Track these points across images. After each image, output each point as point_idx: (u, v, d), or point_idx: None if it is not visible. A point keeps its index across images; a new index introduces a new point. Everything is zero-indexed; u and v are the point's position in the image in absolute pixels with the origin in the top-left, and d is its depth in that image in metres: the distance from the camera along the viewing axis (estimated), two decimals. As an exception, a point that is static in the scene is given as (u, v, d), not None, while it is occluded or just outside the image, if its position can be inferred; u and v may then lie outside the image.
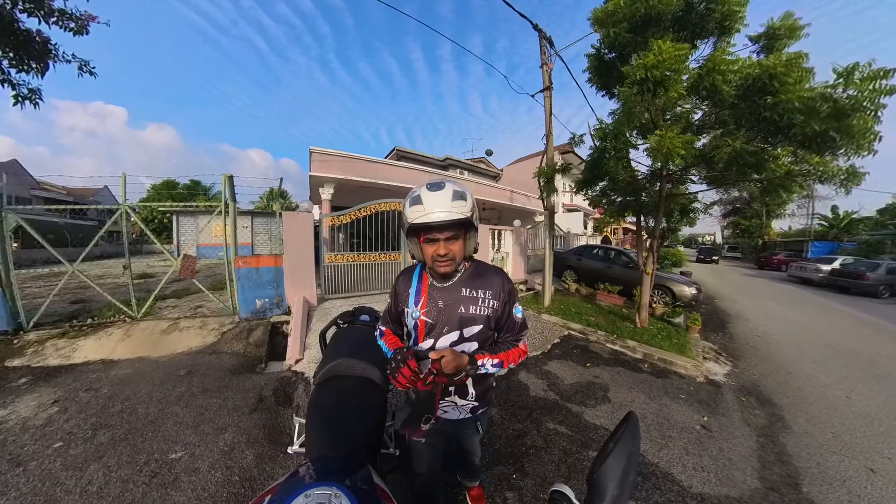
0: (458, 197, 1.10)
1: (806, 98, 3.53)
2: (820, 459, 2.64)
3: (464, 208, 1.10)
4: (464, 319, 1.23)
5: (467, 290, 1.24)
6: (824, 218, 26.31)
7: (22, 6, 4.01)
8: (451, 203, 1.08)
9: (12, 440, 2.42)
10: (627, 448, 0.56)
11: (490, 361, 1.19)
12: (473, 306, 1.23)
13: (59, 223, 15.20)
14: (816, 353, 5.23)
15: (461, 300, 1.23)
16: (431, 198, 1.09)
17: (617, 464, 0.54)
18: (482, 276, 1.29)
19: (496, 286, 1.26)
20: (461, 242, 1.18)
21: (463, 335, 1.24)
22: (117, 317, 4.73)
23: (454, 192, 1.10)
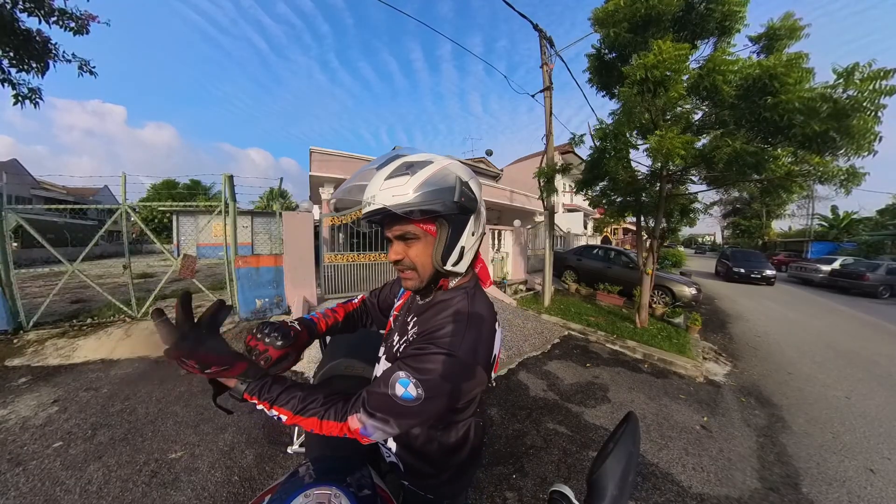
0: (398, 172, 0.71)
1: (806, 98, 3.54)
2: (820, 460, 2.64)
3: (402, 189, 0.69)
4: (389, 352, 0.89)
5: (411, 319, 0.85)
6: (824, 218, 26.33)
7: (22, 6, 4.01)
8: (383, 181, 0.72)
9: (12, 440, 2.42)
10: (627, 448, 0.56)
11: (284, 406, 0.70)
12: (398, 338, 0.86)
13: (58, 223, 15.22)
14: (816, 353, 5.23)
15: (402, 326, 0.87)
16: (374, 176, 0.76)
17: (617, 464, 0.54)
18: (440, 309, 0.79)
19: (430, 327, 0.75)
20: (423, 246, 0.76)
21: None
22: (117, 316, 4.73)
23: (400, 165, 0.73)
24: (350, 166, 9.50)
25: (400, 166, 0.73)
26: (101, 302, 5.17)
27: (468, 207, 0.76)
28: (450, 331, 0.72)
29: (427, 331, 0.75)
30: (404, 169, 0.72)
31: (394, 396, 0.66)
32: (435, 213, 0.71)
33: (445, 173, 0.73)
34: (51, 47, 4.40)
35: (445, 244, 0.75)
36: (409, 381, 0.66)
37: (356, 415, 0.69)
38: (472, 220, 0.78)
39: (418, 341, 0.74)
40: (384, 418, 0.67)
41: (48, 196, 22.71)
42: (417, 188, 0.69)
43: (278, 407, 0.70)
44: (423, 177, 0.71)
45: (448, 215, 0.73)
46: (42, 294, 5.00)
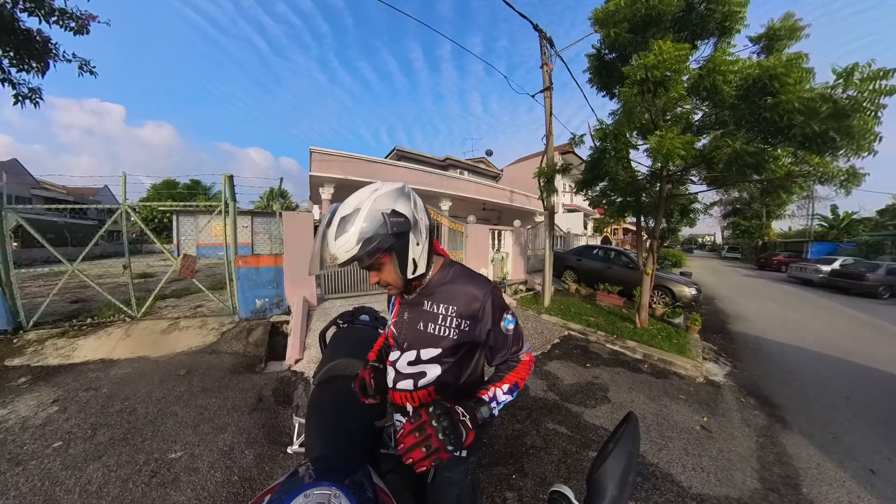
0: (340, 232, 0.87)
1: (806, 98, 3.54)
2: (820, 460, 2.64)
3: (347, 245, 0.86)
4: (420, 338, 1.05)
5: (428, 304, 1.05)
6: (824, 219, 26.32)
7: (22, 5, 4.01)
8: (334, 242, 0.88)
9: (12, 439, 2.42)
10: (627, 448, 0.56)
11: (501, 390, 0.98)
12: (432, 324, 1.03)
13: (58, 222, 15.22)
14: (816, 353, 5.22)
15: (421, 315, 1.06)
16: (326, 237, 0.91)
17: (617, 464, 0.54)
18: (451, 286, 1.05)
19: (466, 301, 1.02)
20: (388, 268, 0.97)
21: (420, 356, 1.06)
22: (117, 316, 4.73)
23: (339, 224, 0.88)
24: (350, 166, 9.51)
25: (339, 224, 0.88)
26: (101, 302, 5.16)
27: (404, 230, 0.92)
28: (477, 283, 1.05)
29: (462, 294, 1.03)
30: (343, 226, 0.88)
31: (509, 330, 1.05)
32: (379, 250, 0.89)
33: (373, 216, 0.88)
34: (51, 47, 4.40)
35: (399, 264, 0.96)
36: (508, 317, 1.05)
37: (520, 353, 1.09)
38: (411, 235, 0.94)
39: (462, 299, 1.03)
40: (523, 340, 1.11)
41: (48, 196, 22.73)
42: (357, 241, 0.86)
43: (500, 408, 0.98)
44: (358, 229, 0.87)
45: (392, 244, 0.91)
46: (42, 294, 5.00)
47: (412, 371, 1.07)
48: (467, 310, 1.01)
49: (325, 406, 1.31)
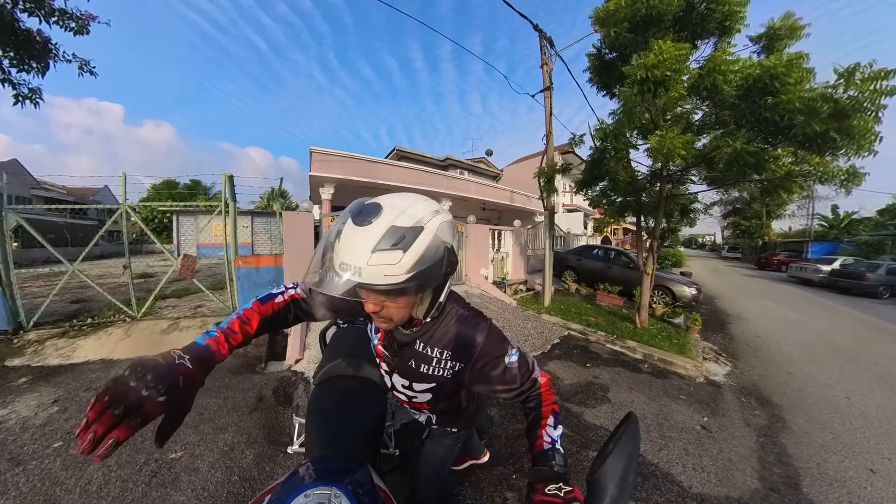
0: (393, 242, 0.66)
1: (806, 98, 3.53)
2: (820, 460, 2.64)
3: (395, 269, 0.66)
4: (412, 374, 1.00)
5: (420, 345, 0.95)
6: (824, 218, 26.33)
7: (22, 6, 4.01)
8: (373, 253, 0.66)
9: (12, 440, 2.42)
10: (627, 448, 0.56)
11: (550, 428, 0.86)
12: (426, 365, 0.96)
13: (59, 223, 15.23)
14: (816, 353, 5.23)
15: (412, 354, 0.97)
16: (352, 235, 0.69)
17: (617, 464, 0.54)
18: (445, 328, 0.94)
19: (462, 344, 0.92)
20: (403, 302, 0.78)
21: (413, 386, 1.03)
22: (117, 316, 4.73)
23: (388, 230, 0.66)
24: (350, 166, 9.51)
25: (388, 234, 0.66)
26: (101, 302, 5.17)
27: (452, 272, 0.79)
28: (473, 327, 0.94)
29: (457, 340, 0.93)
30: (396, 241, 0.66)
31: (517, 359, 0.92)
32: (426, 288, 0.77)
33: (436, 245, 0.71)
34: (51, 47, 4.41)
35: (428, 305, 0.85)
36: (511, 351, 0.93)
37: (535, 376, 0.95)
38: (451, 278, 0.83)
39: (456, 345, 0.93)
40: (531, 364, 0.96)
41: (48, 196, 22.74)
42: (411, 268, 0.68)
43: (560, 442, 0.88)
44: (417, 254, 0.68)
45: (436, 287, 0.80)
46: (42, 294, 5.00)
47: (407, 393, 1.07)
48: (463, 354, 0.93)
49: (326, 406, 1.30)
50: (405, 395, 1.09)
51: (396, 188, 10.07)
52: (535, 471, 0.76)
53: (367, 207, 0.70)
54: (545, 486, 0.68)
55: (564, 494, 0.65)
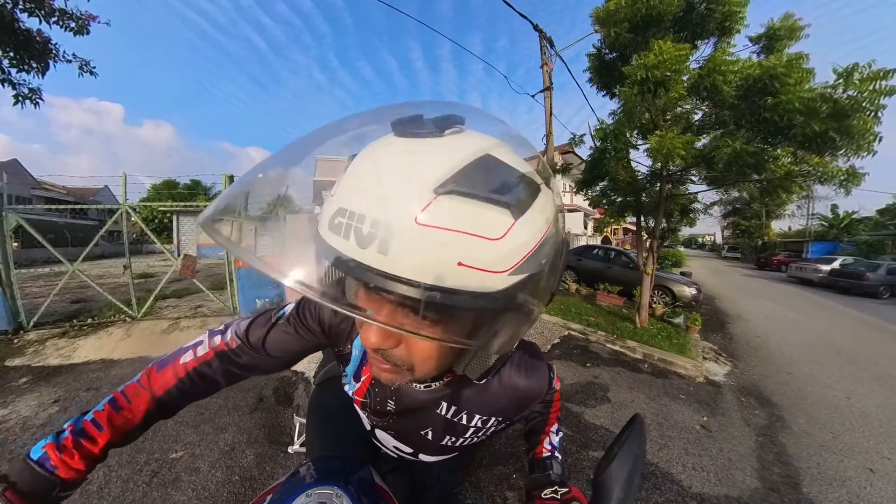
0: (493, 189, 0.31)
1: (806, 99, 3.54)
2: (820, 459, 2.64)
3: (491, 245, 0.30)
4: (424, 442, 0.70)
5: (452, 412, 0.63)
6: (824, 218, 26.36)
7: (22, 6, 4.01)
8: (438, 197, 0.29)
9: (13, 439, 2.42)
10: (633, 451, 0.55)
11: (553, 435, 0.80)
12: (451, 437, 0.67)
13: (59, 223, 15.23)
14: (816, 353, 5.23)
15: (429, 419, 0.65)
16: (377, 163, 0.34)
17: (622, 466, 0.54)
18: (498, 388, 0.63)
19: (517, 406, 0.67)
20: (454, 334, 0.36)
21: (417, 456, 0.77)
22: (117, 316, 4.73)
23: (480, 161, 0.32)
24: (350, 166, 9.50)
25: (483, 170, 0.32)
26: (101, 302, 5.17)
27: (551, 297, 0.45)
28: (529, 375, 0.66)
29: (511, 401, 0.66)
30: (497, 186, 0.32)
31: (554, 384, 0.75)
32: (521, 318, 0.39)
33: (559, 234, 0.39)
34: (51, 47, 4.41)
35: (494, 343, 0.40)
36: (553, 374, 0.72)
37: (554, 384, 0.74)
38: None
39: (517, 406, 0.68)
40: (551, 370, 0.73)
41: (48, 196, 22.74)
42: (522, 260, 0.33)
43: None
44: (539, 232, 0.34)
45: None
46: (42, 294, 5.00)
47: (400, 453, 0.81)
48: (516, 412, 0.69)
49: (326, 406, 1.31)
50: (395, 454, 0.83)
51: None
52: (532, 479, 0.73)
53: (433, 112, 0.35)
54: (542, 492, 0.66)
55: (562, 496, 0.64)
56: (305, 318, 0.64)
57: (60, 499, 0.48)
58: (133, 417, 0.56)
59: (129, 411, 0.56)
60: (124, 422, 0.55)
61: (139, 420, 0.57)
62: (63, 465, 0.47)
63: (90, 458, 0.50)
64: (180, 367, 0.63)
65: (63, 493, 0.48)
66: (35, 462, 0.46)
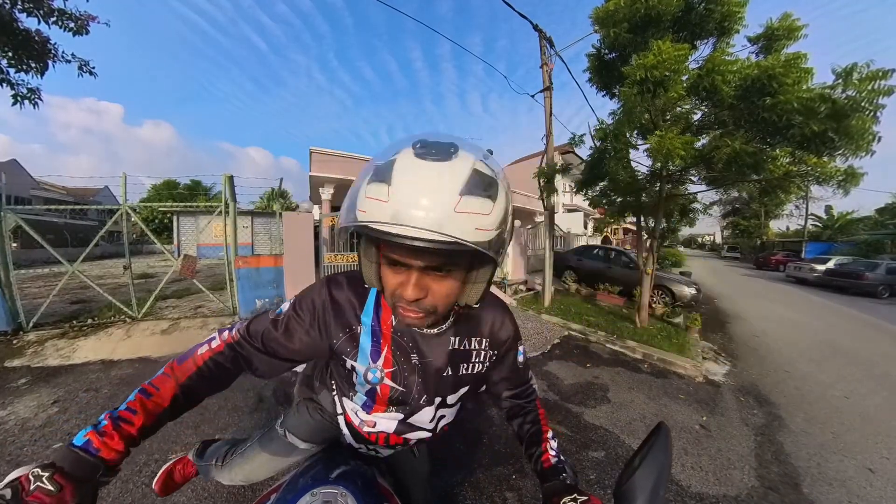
0: (478, 191, 0.52)
1: (805, 99, 3.55)
2: (819, 459, 2.65)
3: (486, 220, 0.53)
4: (449, 383, 0.80)
5: (457, 342, 0.79)
6: (819, 219, 26.40)
7: (21, 6, 4.01)
8: (462, 197, 0.50)
9: (11, 441, 2.41)
10: (659, 460, 0.52)
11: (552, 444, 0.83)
12: (465, 364, 0.80)
13: (58, 223, 15.20)
14: (815, 352, 5.24)
15: (446, 356, 0.78)
16: (422, 172, 0.51)
17: (647, 477, 0.51)
18: (479, 315, 0.83)
19: (496, 329, 0.84)
20: (455, 283, 0.61)
21: (445, 402, 0.83)
22: (117, 317, 4.73)
23: (474, 173, 0.52)
24: (350, 166, 9.51)
25: (474, 178, 0.52)
26: (101, 302, 5.16)
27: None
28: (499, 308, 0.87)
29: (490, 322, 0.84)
30: (485, 187, 0.53)
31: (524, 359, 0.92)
32: (501, 254, 0.58)
33: (509, 200, 0.59)
34: (50, 47, 4.40)
35: (485, 286, 0.65)
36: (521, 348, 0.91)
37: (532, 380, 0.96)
38: None
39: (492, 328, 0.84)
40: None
41: (47, 196, 22.68)
42: (499, 223, 0.55)
43: None
44: (503, 208, 0.56)
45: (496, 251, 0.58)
46: (42, 295, 5.01)
47: (433, 423, 0.86)
48: (497, 339, 0.84)
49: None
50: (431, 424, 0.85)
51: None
52: (547, 487, 0.72)
53: (437, 140, 0.55)
54: (560, 500, 0.64)
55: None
56: (301, 312, 0.75)
57: (102, 482, 0.55)
58: (162, 402, 0.65)
59: (159, 397, 0.65)
60: (154, 406, 0.64)
61: (167, 404, 0.66)
62: (105, 447, 0.55)
63: (129, 439, 0.58)
64: (198, 358, 0.72)
65: (105, 478, 0.55)
66: (79, 448, 0.54)
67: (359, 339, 0.75)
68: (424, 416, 0.82)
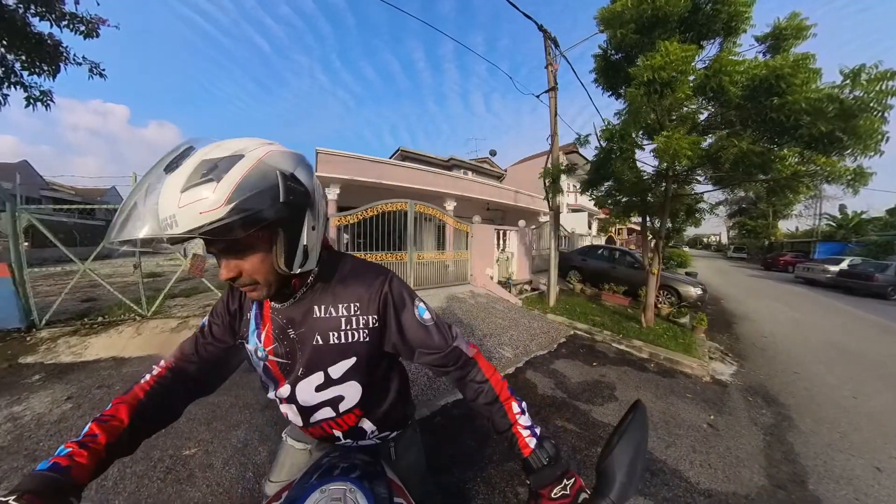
0: (199, 178, 0.56)
1: (813, 99, 3.54)
2: (827, 458, 2.64)
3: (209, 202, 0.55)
4: (323, 354, 0.79)
5: (321, 309, 0.79)
6: (833, 218, 26.07)
7: (34, 10, 4.08)
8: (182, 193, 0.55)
9: (28, 435, 2.46)
10: (635, 436, 0.56)
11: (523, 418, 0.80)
12: (335, 331, 0.79)
13: (67, 223, 15.37)
14: (823, 353, 5.21)
15: (315, 324, 0.79)
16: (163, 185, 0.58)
17: (625, 453, 0.54)
18: (344, 279, 0.82)
19: (367, 291, 0.80)
20: (260, 256, 0.65)
21: (329, 376, 0.81)
22: (127, 315, 4.79)
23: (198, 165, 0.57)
24: (355, 166, 9.55)
25: (198, 168, 0.56)
26: (111, 301, 5.23)
27: (300, 203, 0.65)
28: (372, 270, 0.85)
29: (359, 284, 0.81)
30: (206, 172, 0.56)
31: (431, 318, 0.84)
32: (261, 221, 0.59)
33: (263, 170, 0.60)
34: (62, 50, 4.48)
35: (286, 251, 0.65)
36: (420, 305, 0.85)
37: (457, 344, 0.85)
38: (307, 214, 0.68)
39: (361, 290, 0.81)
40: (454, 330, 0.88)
41: (56, 196, 22.94)
42: (230, 198, 0.55)
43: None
44: (235, 181, 0.56)
45: (281, 218, 0.62)
46: (53, 293, 5.08)
47: (324, 398, 0.84)
48: (371, 302, 0.80)
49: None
50: (327, 402, 0.85)
51: (401, 188, 10.10)
52: (534, 477, 0.69)
53: (178, 152, 0.60)
54: (551, 490, 0.64)
55: (570, 489, 0.63)
56: (216, 311, 0.89)
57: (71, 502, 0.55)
58: (120, 423, 0.69)
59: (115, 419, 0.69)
60: (114, 427, 0.68)
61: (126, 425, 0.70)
62: (74, 464, 0.58)
63: (95, 454, 0.61)
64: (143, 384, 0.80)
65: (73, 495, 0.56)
66: (46, 470, 0.55)
67: (249, 322, 0.84)
68: (308, 387, 0.82)
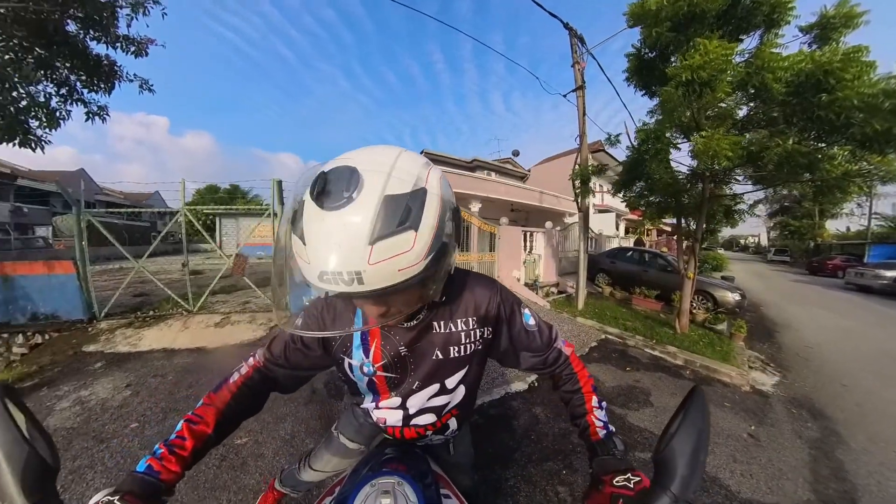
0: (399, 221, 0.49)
1: (866, 94, 3.32)
2: (881, 478, 2.49)
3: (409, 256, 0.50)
4: (442, 367, 0.83)
5: (440, 325, 0.80)
6: (887, 218, 24.00)
7: (92, 34, 4.47)
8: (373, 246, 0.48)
9: (95, 418, 2.70)
10: (697, 424, 0.49)
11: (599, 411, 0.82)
12: (455, 347, 0.81)
13: (118, 224, 16.53)
14: (876, 365, 4.86)
15: (433, 342, 0.80)
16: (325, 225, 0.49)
17: (685, 442, 0.49)
18: (458, 294, 0.82)
19: (482, 304, 0.83)
20: (411, 293, 0.61)
21: (445, 387, 0.86)
22: (175, 310, 5.12)
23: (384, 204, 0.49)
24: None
25: (387, 210, 0.48)
26: (160, 296, 5.61)
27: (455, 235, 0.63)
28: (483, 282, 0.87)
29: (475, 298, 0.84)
30: (403, 217, 0.49)
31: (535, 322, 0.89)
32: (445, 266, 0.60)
33: (444, 207, 0.56)
34: (116, 69, 4.90)
35: (439, 281, 0.64)
36: (525, 311, 0.89)
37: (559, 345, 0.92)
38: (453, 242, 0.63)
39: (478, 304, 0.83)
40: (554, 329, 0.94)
41: (108, 200, 24.79)
42: (430, 248, 0.51)
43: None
44: (432, 226, 0.51)
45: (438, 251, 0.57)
46: (108, 287, 5.48)
47: (433, 405, 0.88)
48: (486, 315, 0.83)
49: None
50: (433, 409, 0.89)
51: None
52: (598, 462, 0.70)
53: (335, 176, 0.49)
54: (613, 478, 0.62)
55: (634, 485, 0.60)
56: (309, 320, 0.82)
57: (163, 502, 0.61)
58: (206, 428, 0.72)
59: (203, 424, 0.72)
60: (200, 432, 0.71)
61: (211, 430, 0.72)
62: (164, 469, 0.62)
63: (183, 461, 0.65)
64: (232, 385, 0.80)
65: (165, 497, 0.62)
66: (143, 473, 0.60)
67: (352, 337, 0.82)
68: (422, 398, 0.86)
